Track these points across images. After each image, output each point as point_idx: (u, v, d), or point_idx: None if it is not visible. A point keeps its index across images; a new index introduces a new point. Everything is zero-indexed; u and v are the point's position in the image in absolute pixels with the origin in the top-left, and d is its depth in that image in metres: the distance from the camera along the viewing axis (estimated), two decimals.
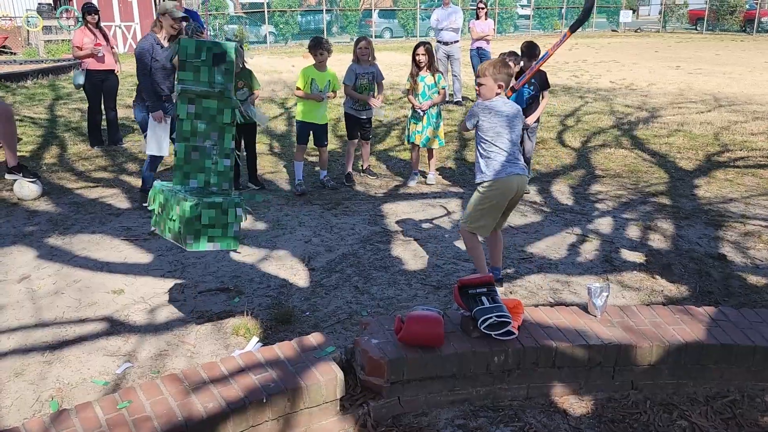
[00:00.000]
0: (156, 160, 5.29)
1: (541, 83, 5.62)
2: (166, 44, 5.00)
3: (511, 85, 3.80)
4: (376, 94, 5.94)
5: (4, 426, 2.61)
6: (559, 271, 4.14)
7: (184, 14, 5.26)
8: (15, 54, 19.42)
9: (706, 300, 3.72)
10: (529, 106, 5.63)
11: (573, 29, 3.95)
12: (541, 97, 5.67)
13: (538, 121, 5.86)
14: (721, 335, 2.84)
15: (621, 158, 7.07)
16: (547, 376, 2.76)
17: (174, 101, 3.02)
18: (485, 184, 3.59)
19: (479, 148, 3.65)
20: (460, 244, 4.55)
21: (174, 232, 2.89)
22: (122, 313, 3.56)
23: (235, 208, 2.89)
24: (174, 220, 2.86)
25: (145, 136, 5.20)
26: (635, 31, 30.20)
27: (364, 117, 6.03)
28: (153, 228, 3.12)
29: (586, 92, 11.73)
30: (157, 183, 3.11)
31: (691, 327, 2.89)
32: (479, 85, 3.66)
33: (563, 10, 30.44)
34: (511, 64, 5.38)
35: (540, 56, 4.78)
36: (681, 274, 4.09)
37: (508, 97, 5.56)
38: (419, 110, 5.84)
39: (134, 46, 21.82)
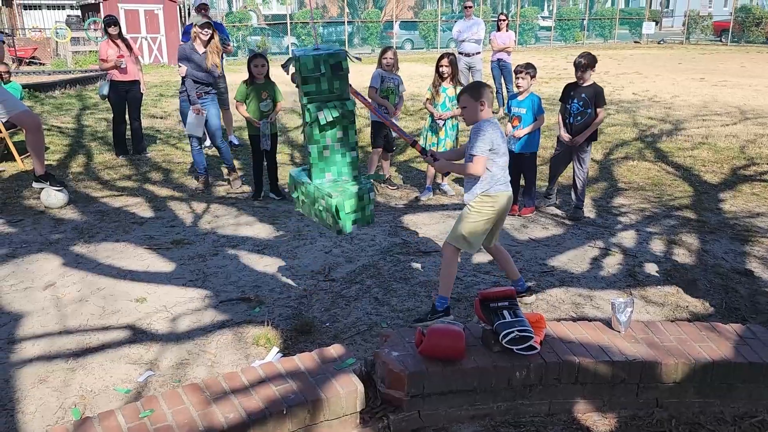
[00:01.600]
0: (195, 139, 6.19)
1: (594, 98, 5.21)
2: (201, 50, 5.99)
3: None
4: (396, 103, 5.99)
5: None
6: (581, 285, 4.09)
7: (207, 21, 6.07)
8: (44, 65, 19.88)
9: (732, 317, 3.65)
10: (578, 124, 5.29)
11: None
12: (595, 114, 5.24)
13: (589, 142, 5.36)
14: (749, 353, 2.78)
15: (644, 171, 6.99)
16: (570, 392, 2.72)
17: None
18: (478, 200, 3.49)
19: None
20: (480, 257, 4.52)
21: (324, 222, 3.33)
22: (145, 322, 3.60)
23: (368, 193, 3.29)
24: (322, 211, 3.29)
25: (184, 122, 6.25)
26: (658, 43, 29.94)
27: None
28: (298, 209, 3.57)
29: (609, 104, 11.58)
30: (293, 171, 3.56)
31: (718, 344, 2.83)
32: (462, 108, 3.59)
33: (585, 22, 30.31)
34: (526, 78, 5.33)
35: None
36: (706, 289, 4.02)
37: (514, 127, 5.49)
38: (438, 120, 5.84)
39: (159, 58, 21.91)
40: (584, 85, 5.31)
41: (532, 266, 4.38)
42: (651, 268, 4.36)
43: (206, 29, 6.02)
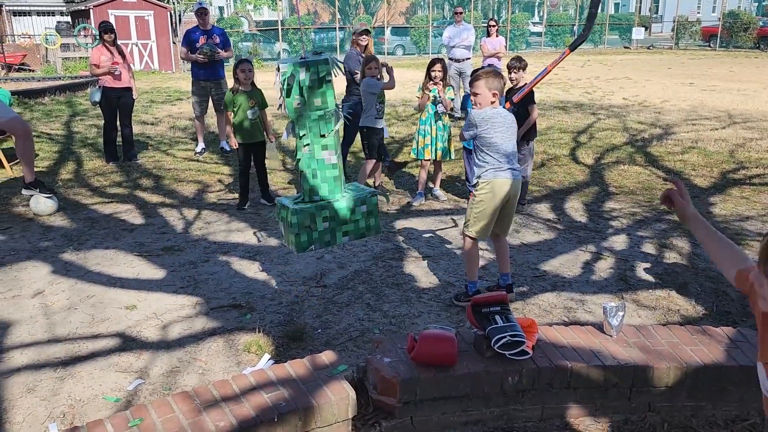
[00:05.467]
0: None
1: (526, 99, 5.29)
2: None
3: (510, 97, 3.87)
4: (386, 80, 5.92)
5: None
6: (573, 290, 4.10)
7: (366, 29, 6.56)
8: (33, 71, 19.78)
9: (723, 320, 3.66)
10: None
11: (573, 47, 3.96)
12: (527, 113, 5.42)
13: (527, 140, 5.53)
14: (740, 357, 2.78)
15: (635, 175, 7.02)
16: (562, 396, 2.72)
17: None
18: (481, 185, 3.68)
19: (476, 155, 3.74)
20: None
21: (358, 230, 3.36)
22: (134, 329, 3.57)
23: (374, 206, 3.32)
24: (357, 221, 3.32)
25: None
26: (648, 48, 30.18)
27: (381, 126, 6.00)
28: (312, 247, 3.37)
29: (599, 109, 11.70)
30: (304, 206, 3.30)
31: (710, 348, 2.84)
32: (474, 95, 3.72)
33: (575, 27, 30.52)
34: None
35: (540, 72, 4.76)
36: (698, 293, 4.03)
37: (507, 110, 5.60)
38: (439, 103, 5.78)
39: (150, 64, 21.89)
40: (517, 87, 5.49)
41: (524, 271, 4.38)
42: (642, 272, 4.37)
43: (364, 36, 6.31)
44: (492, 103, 3.68)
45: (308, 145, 3.16)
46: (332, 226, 3.26)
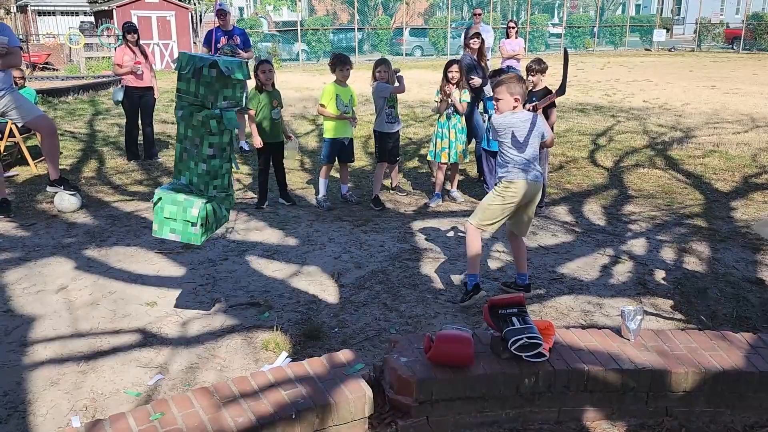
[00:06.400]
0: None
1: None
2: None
3: (533, 102, 3.97)
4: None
5: None
6: (590, 293, 4.08)
7: (477, 32, 6.60)
8: (57, 70, 20.11)
9: (743, 326, 3.62)
10: None
11: (559, 94, 3.97)
12: (546, 117, 5.47)
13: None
14: (760, 363, 2.76)
15: (654, 179, 6.96)
16: (579, 400, 2.71)
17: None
18: (502, 183, 3.75)
19: (500, 156, 3.81)
20: (490, 263, 4.52)
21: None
22: (155, 326, 3.63)
23: (193, 208, 3.16)
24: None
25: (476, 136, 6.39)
26: (669, 50, 29.84)
27: (394, 131, 6.01)
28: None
29: (619, 111, 11.61)
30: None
31: (729, 353, 2.81)
32: (496, 100, 3.77)
33: (595, 29, 30.29)
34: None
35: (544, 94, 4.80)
36: (717, 298, 4.00)
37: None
38: (451, 108, 5.83)
39: (171, 64, 22.19)
40: (535, 89, 5.49)
41: (542, 273, 4.38)
42: (661, 277, 4.34)
43: (474, 39, 6.38)
44: (514, 108, 3.72)
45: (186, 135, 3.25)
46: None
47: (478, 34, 6.59)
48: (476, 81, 6.15)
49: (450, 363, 2.63)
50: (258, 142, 5.75)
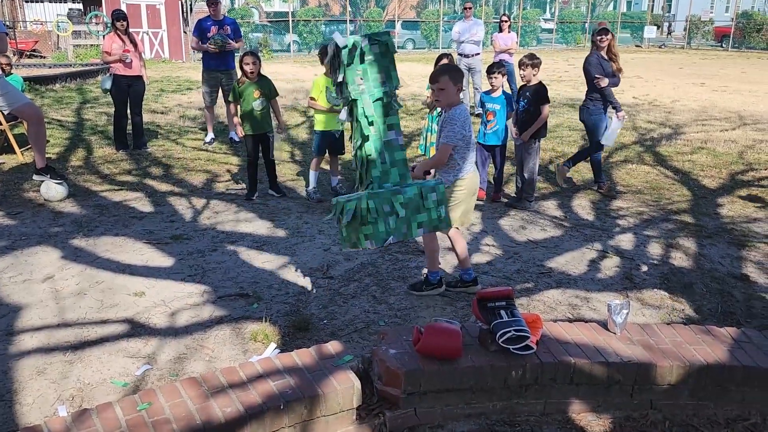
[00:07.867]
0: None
1: (538, 97, 5.48)
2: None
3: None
4: None
5: (25, 423, 2.65)
6: (578, 287, 4.11)
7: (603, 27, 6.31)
8: (45, 57, 19.87)
9: (728, 321, 3.67)
10: (523, 121, 5.59)
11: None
12: (538, 112, 5.49)
13: (536, 138, 5.60)
14: (743, 357, 2.80)
15: (643, 174, 7.01)
16: (565, 392, 2.74)
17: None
18: (455, 187, 3.74)
19: (454, 153, 3.69)
20: (479, 257, 4.54)
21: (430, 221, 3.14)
22: (143, 316, 3.61)
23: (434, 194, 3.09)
24: (429, 210, 3.10)
25: (596, 135, 6.19)
26: (659, 47, 29.98)
27: None
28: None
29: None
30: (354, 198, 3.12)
31: (713, 348, 2.85)
32: (439, 90, 3.63)
33: (586, 25, 30.35)
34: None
35: None
36: (702, 293, 4.04)
37: (488, 121, 5.81)
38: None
39: (161, 53, 21.93)
40: (529, 84, 5.56)
41: (530, 267, 4.40)
42: (648, 271, 4.38)
43: (602, 36, 6.06)
44: (458, 95, 3.71)
45: (373, 124, 2.88)
46: (407, 215, 2.99)
47: (606, 30, 6.10)
48: (602, 81, 5.87)
49: (438, 355, 2.65)
50: (240, 132, 5.74)
